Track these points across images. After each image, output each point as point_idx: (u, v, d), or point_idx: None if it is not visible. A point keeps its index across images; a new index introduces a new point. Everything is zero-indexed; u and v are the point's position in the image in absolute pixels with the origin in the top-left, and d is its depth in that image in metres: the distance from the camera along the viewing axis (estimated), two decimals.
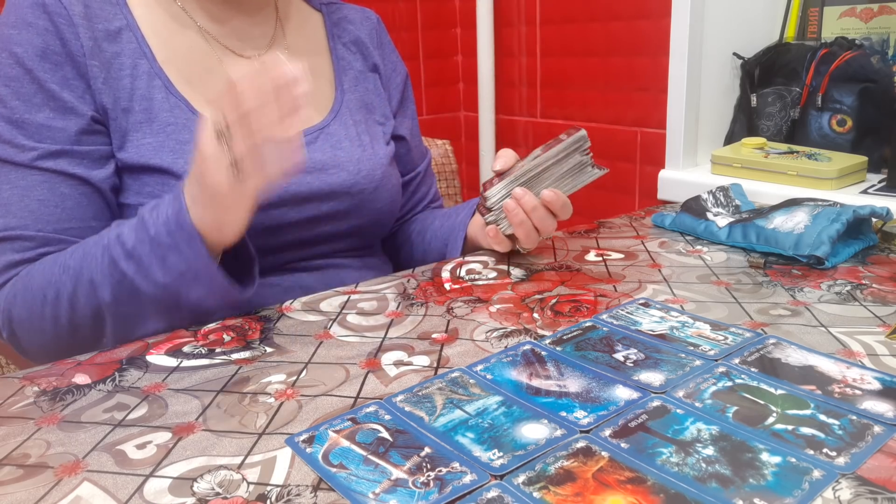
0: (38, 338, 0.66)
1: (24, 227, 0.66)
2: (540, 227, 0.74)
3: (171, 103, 0.72)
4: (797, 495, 0.37)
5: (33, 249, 0.67)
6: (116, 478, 0.42)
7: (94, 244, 0.63)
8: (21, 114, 0.67)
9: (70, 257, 0.64)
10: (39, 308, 0.64)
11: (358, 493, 0.39)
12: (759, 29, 1.35)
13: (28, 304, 0.65)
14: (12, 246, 0.67)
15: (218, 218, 0.60)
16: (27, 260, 0.67)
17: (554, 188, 0.74)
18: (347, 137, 0.82)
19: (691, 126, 1.33)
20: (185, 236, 0.59)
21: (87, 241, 0.65)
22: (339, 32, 0.90)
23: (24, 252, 0.67)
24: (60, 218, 0.68)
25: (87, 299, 0.62)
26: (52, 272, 0.64)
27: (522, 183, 0.74)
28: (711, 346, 0.55)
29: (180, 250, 0.59)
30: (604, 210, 1.54)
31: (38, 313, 0.64)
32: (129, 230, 0.61)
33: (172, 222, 0.59)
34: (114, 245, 0.61)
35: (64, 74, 0.68)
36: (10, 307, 0.66)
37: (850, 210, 0.74)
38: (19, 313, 0.66)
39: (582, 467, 0.41)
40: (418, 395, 0.50)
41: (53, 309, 0.64)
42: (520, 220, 0.74)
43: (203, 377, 0.54)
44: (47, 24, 0.67)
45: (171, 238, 0.59)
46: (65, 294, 0.63)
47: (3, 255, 0.67)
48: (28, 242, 0.67)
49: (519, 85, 1.69)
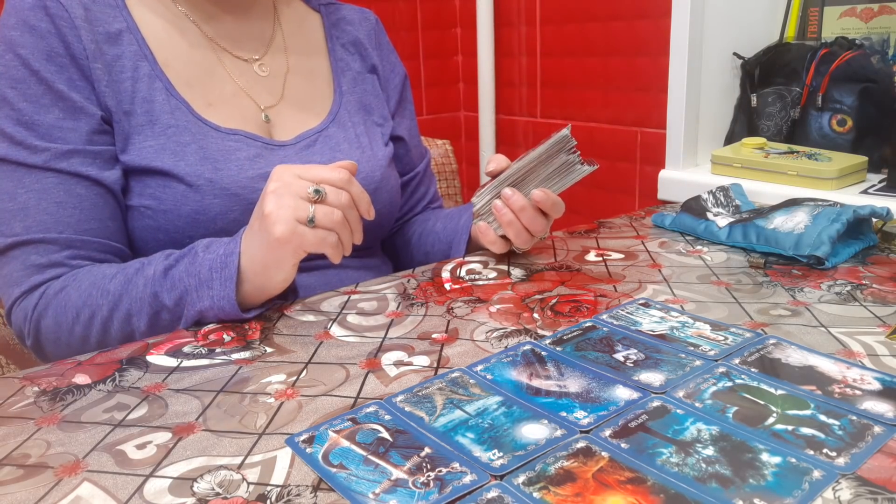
0: (62, 349, 0.67)
1: (45, 230, 0.67)
2: (530, 226, 0.74)
3: (171, 105, 0.72)
4: (797, 495, 0.37)
5: (59, 252, 0.67)
6: (116, 478, 0.42)
7: (137, 272, 0.65)
8: (30, 115, 0.67)
9: (110, 281, 0.65)
10: (70, 325, 0.65)
11: (358, 494, 0.39)
12: (760, 29, 1.35)
13: (59, 318, 0.66)
14: (36, 249, 0.67)
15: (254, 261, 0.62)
16: (55, 264, 0.67)
17: (543, 188, 0.73)
18: (346, 139, 0.82)
19: (691, 126, 1.33)
20: (225, 275, 0.62)
21: (129, 266, 0.66)
22: (338, 33, 0.90)
23: (49, 255, 0.67)
24: (80, 219, 0.68)
25: (122, 325, 0.65)
26: (90, 293, 0.65)
27: (510, 185, 0.74)
28: (711, 346, 0.55)
29: (211, 287, 0.62)
30: (604, 210, 1.55)
31: (67, 329, 0.66)
32: (178, 264, 0.64)
33: (218, 261, 0.62)
34: (159, 279, 0.63)
35: (70, 76, 0.68)
36: (41, 318, 0.66)
37: (850, 210, 0.74)
38: (48, 325, 0.66)
39: (582, 467, 0.41)
40: (418, 395, 0.50)
41: (84, 329, 0.65)
42: (508, 220, 0.73)
43: (203, 377, 0.54)
44: (49, 27, 0.67)
45: (210, 274, 0.62)
46: (99, 317, 0.65)
47: (26, 258, 0.67)
48: (52, 245, 0.67)
49: (519, 85, 1.69)
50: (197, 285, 0.62)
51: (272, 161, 0.75)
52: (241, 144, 0.74)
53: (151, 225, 0.71)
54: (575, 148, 0.73)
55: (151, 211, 0.71)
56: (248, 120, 0.77)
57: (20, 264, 0.67)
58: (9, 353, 0.91)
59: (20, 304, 0.67)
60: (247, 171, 0.73)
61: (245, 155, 0.74)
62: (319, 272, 0.79)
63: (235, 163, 0.73)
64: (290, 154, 0.78)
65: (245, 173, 0.73)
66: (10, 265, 0.67)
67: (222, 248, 0.63)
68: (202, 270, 0.62)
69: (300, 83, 0.84)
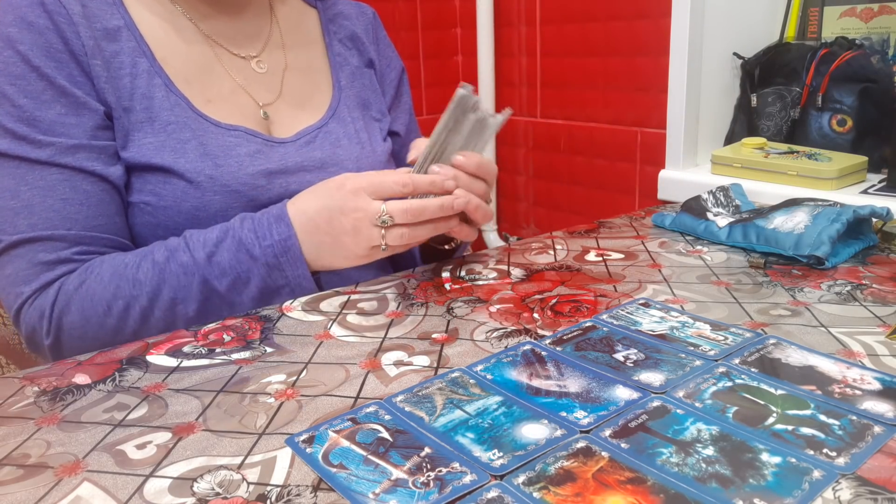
0: (88, 343, 0.66)
1: (53, 227, 0.66)
2: (471, 191, 0.68)
3: (171, 102, 0.72)
4: (797, 495, 0.37)
5: (67, 249, 0.67)
6: (116, 478, 0.42)
7: (168, 260, 0.66)
8: (32, 111, 0.66)
9: (138, 271, 0.66)
10: (101, 318, 0.66)
11: (358, 494, 0.39)
12: (759, 29, 1.35)
13: (86, 312, 0.66)
14: (43, 247, 0.66)
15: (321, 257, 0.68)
16: (64, 260, 0.67)
17: (462, 151, 0.69)
18: (346, 135, 0.83)
19: (691, 126, 1.33)
20: (291, 259, 0.67)
21: (151, 254, 0.67)
22: (335, 28, 0.90)
23: (57, 252, 0.67)
24: (88, 216, 0.68)
25: (165, 314, 0.66)
26: (118, 285, 0.65)
27: (431, 161, 0.69)
28: (711, 346, 0.55)
29: (283, 270, 0.67)
30: (604, 210, 1.55)
31: (97, 322, 0.66)
32: (223, 251, 0.66)
33: (278, 246, 0.67)
34: (204, 265, 0.66)
35: (70, 72, 0.68)
36: (63, 314, 0.66)
37: (850, 210, 0.74)
38: (73, 321, 0.66)
39: (582, 467, 0.41)
40: (418, 395, 0.50)
41: (119, 320, 0.66)
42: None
43: (203, 377, 0.54)
44: (48, 23, 0.67)
45: (276, 259, 0.67)
46: (137, 307, 0.65)
47: (32, 255, 0.66)
48: (60, 242, 0.67)
49: (519, 85, 1.69)
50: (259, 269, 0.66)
51: (272, 157, 0.76)
52: (242, 140, 0.74)
53: (151, 221, 0.71)
54: (477, 105, 0.68)
55: (151, 207, 0.71)
56: (248, 117, 0.77)
57: (26, 262, 0.66)
58: (9, 353, 0.91)
59: (33, 302, 0.67)
60: (247, 168, 0.73)
61: (245, 151, 0.74)
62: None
63: (236, 159, 0.73)
64: (291, 151, 0.78)
65: (245, 170, 0.73)
66: (15, 263, 0.67)
67: (276, 234, 0.67)
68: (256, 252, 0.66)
69: (298, 79, 0.84)
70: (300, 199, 0.69)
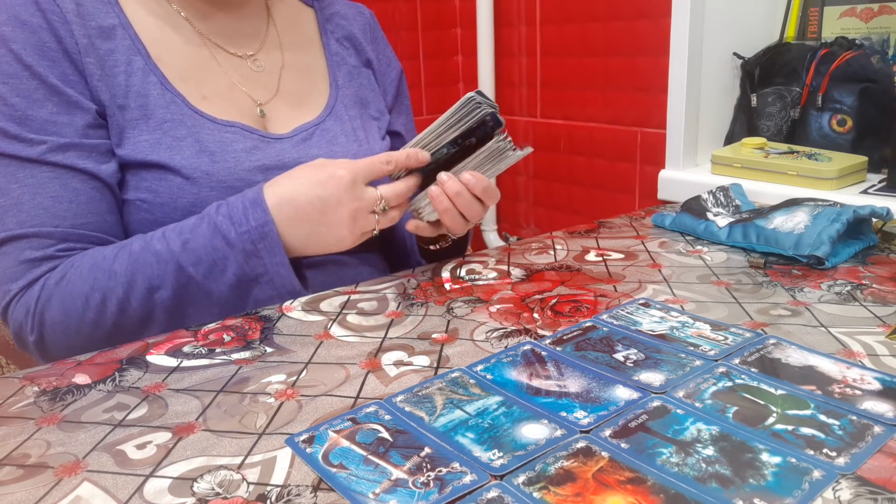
0: (71, 339, 0.66)
1: (40, 224, 0.66)
2: (466, 211, 0.70)
3: (166, 99, 0.72)
4: (797, 495, 0.37)
5: (53, 246, 0.67)
6: (116, 478, 0.42)
7: (143, 250, 0.66)
8: (24, 110, 0.66)
9: (114, 263, 0.65)
10: (80, 311, 0.65)
11: (358, 493, 0.39)
12: (759, 29, 1.35)
13: (66, 307, 0.65)
14: (29, 244, 0.66)
15: (308, 246, 0.68)
16: (49, 257, 0.67)
17: (473, 171, 0.70)
18: (343, 133, 0.83)
19: (691, 126, 1.33)
20: (268, 246, 0.66)
21: (129, 245, 0.67)
22: (332, 28, 0.90)
23: (43, 249, 0.66)
24: (77, 213, 0.68)
25: (142, 303, 0.65)
26: (95, 277, 0.65)
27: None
28: (711, 346, 0.55)
29: (261, 257, 0.66)
30: (604, 210, 1.55)
31: (77, 316, 0.65)
32: (198, 237, 0.65)
33: (255, 232, 0.65)
34: (179, 252, 0.65)
35: (63, 70, 0.68)
36: (44, 310, 0.66)
37: (850, 210, 0.74)
38: (54, 316, 0.66)
39: (582, 467, 0.41)
40: (418, 395, 0.50)
41: (97, 313, 0.65)
42: (444, 207, 0.70)
43: (203, 377, 0.54)
44: (41, 22, 0.67)
45: (254, 245, 0.65)
46: (113, 299, 0.65)
47: (19, 253, 0.66)
48: (47, 240, 0.66)
49: (519, 85, 1.69)
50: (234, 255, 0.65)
51: (269, 153, 0.76)
52: (238, 136, 0.74)
53: (148, 218, 0.71)
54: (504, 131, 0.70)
55: (148, 204, 0.71)
56: (244, 114, 0.77)
57: (13, 260, 0.66)
58: (9, 353, 0.91)
59: (20, 299, 0.67)
60: (243, 164, 0.73)
61: (242, 147, 0.74)
62: (318, 269, 0.79)
63: (232, 154, 0.73)
64: (287, 147, 0.78)
65: (242, 165, 0.73)
66: (3, 261, 0.67)
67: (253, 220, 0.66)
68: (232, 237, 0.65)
69: (295, 78, 0.84)
70: (281, 186, 0.67)
